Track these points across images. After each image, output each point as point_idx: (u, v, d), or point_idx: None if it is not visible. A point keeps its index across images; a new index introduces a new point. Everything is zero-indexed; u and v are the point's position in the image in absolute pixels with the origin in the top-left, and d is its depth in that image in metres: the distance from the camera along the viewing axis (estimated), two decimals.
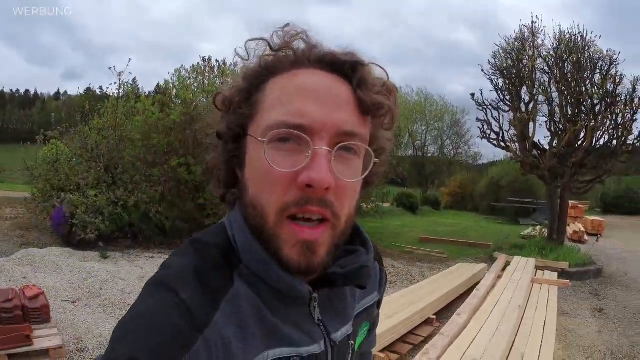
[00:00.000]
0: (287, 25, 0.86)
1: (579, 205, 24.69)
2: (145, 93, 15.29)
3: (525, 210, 28.66)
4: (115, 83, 14.98)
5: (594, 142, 15.42)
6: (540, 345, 5.39)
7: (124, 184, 12.87)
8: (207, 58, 15.63)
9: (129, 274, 9.62)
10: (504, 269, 10.56)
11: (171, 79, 15.43)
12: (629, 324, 8.74)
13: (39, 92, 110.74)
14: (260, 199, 0.78)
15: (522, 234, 20.09)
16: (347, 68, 0.81)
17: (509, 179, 34.36)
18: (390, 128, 0.90)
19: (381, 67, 0.87)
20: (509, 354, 5.24)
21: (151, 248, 12.88)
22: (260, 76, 0.83)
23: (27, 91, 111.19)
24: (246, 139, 0.83)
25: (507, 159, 44.55)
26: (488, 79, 16.41)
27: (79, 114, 14.28)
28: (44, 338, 5.60)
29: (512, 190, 33.08)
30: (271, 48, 0.84)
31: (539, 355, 4.80)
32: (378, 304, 1.11)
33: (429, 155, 55.00)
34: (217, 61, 15.70)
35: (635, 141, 15.37)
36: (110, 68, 13.92)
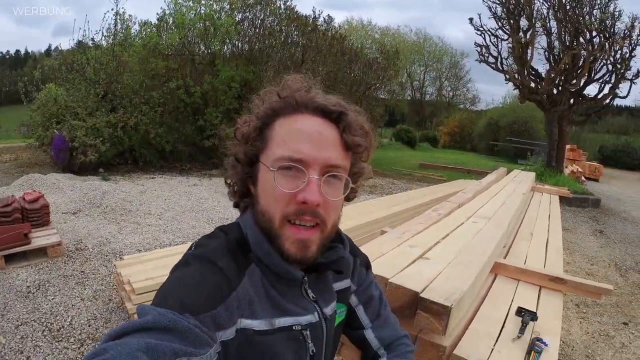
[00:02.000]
0: (295, 77, 1.17)
1: (578, 149, 24.56)
2: (142, 22, 14.96)
3: (524, 151, 28.61)
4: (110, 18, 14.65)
5: (592, 74, 15.37)
6: (548, 226, 5.39)
7: (124, 107, 12.85)
8: None
9: (130, 189, 9.77)
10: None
11: (168, 6, 15.16)
12: (630, 246, 8.96)
13: (29, 51, 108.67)
14: (269, 209, 1.06)
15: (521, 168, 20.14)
16: (335, 116, 1.09)
17: (508, 120, 34.31)
18: (367, 160, 1.20)
19: (361, 112, 1.17)
20: (520, 224, 5.26)
21: (152, 171, 12.96)
22: (269, 116, 1.10)
23: (17, 51, 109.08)
24: (258, 164, 1.10)
25: (504, 104, 44.80)
26: (487, 6, 16.19)
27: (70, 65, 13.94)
28: (42, 237, 5.68)
29: (511, 132, 33.02)
30: (279, 96, 1.11)
31: (547, 236, 4.78)
32: (356, 292, 1.41)
33: (427, 96, 54.73)
34: None
35: (634, 77, 15.25)
36: None
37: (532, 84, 15.79)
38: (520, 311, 2.49)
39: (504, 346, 2.20)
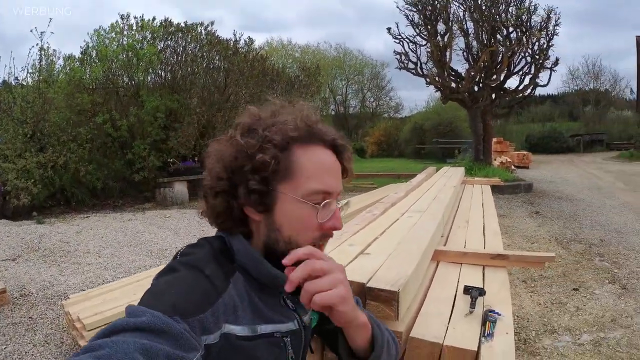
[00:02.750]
0: (303, 104, 1.22)
1: (504, 141, 25.21)
2: (66, 56, 14.70)
3: (452, 151, 29.11)
4: (34, 53, 14.29)
5: (512, 67, 15.88)
6: (483, 212, 5.54)
7: (52, 146, 12.52)
8: (125, 15, 15.15)
9: (66, 230, 9.46)
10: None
11: (90, 39, 14.96)
12: (568, 220, 9.43)
13: None
14: (297, 238, 1.11)
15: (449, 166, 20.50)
16: (339, 149, 1.20)
17: (433, 123, 35.04)
18: (350, 180, 1.29)
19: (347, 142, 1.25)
20: (455, 214, 5.38)
21: (85, 211, 12.62)
22: (285, 145, 1.10)
23: None
24: (275, 193, 1.11)
25: (428, 108, 45.64)
26: (403, 14, 16.61)
27: None
28: None
29: (437, 133, 33.78)
30: (297, 124, 1.12)
31: (484, 222, 4.92)
32: None
33: (351, 109, 55.18)
34: (135, 17, 15.27)
35: (553, 65, 15.85)
36: (31, 30, 13.22)
37: (453, 84, 16.31)
38: (467, 289, 2.56)
39: (457, 322, 2.27)
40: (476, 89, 16.19)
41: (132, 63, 14.53)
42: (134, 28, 15.21)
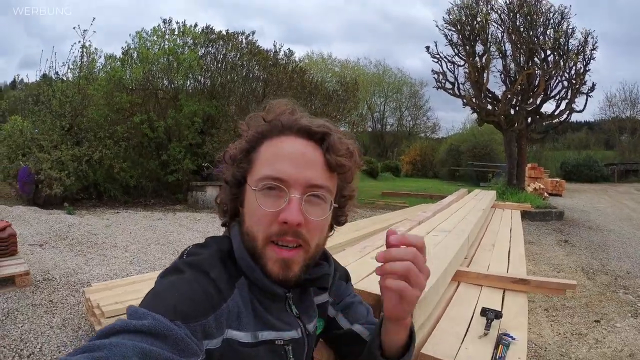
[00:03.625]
0: (279, 100, 1.20)
1: (539, 167, 24.84)
2: (108, 55, 14.99)
3: (486, 175, 28.84)
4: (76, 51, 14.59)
5: (548, 91, 15.72)
6: (510, 237, 5.48)
7: (89, 141, 12.78)
8: (167, 20, 15.42)
9: (96, 222, 9.69)
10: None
11: (132, 40, 15.25)
12: (596, 251, 9.15)
13: None
14: (252, 229, 1.07)
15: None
16: (318, 137, 1.10)
17: (469, 145, 34.68)
18: (351, 181, 1.21)
19: (348, 134, 1.19)
20: (482, 237, 5.34)
21: (116, 206, 12.82)
22: (256, 139, 1.12)
23: None
24: (245, 185, 1.12)
25: (464, 130, 45.33)
26: (443, 34, 16.59)
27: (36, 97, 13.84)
28: (9, 266, 5.62)
29: (472, 156, 33.34)
30: (264, 120, 1.14)
31: (510, 246, 4.87)
32: (335, 305, 1.42)
33: (388, 126, 55.01)
34: (177, 22, 15.53)
35: (589, 90, 15.67)
36: (74, 27, 13.53)
37: (489, 106, 16.13)
38: (484, 311, 2.55)
39: (471, 343, 2.26)
40: (512, 112, 16.04)
41: (173, 67, 14.84)
42: (176, 33, 15.58)
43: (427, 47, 16.96)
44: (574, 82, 15.38)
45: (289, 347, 1.11)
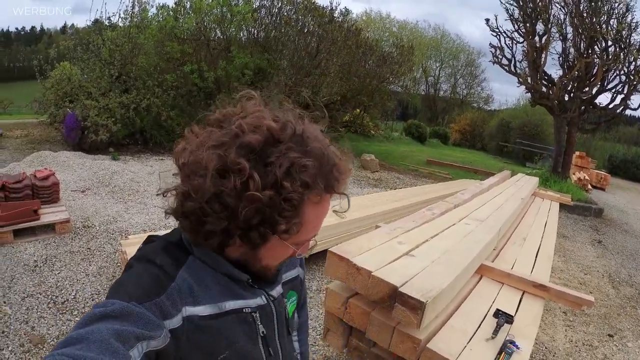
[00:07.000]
0: (247, 95, 1.20)
1: (587, 157, 24.17)
2: (160, 5, 14.97)
3: (533, 155, 28.31)
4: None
5: (605, 83, 15.32)
6: (543, 233, 5.47)
7: (137, 89, 12.92)
8: None
9: (139, 169, 9.93)
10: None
11: None
12: (627, 259, 8.94)
13: (45, 28, 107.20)
14: (270, 264, 1.17)
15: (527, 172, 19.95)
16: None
17: (520, 122, 33.84)
18: None
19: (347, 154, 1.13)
20: (515, 229, 5.34)
21: (161, 152, 13.05)
22: (302, 200, 1.01)
23: (32, 28, 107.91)
24: (269, 234, 1.04)
25: (517, 106, 44.42)
26: (504, 7, 16.15)
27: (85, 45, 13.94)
28: (51, 214, 5.84)
29: (522, 134, 32.58)
30: (313, 162, 1.03)
31: (540, 243, 4.87)
32: (301, 281, 1.51)
33: (442, 92, 54.24)
34: None
35: None
36: None
37: (544, 89, 15.73)
38: (497, 313, 2.59)
39: (477, 344, 2.31)
40: (566, 98, 15.67)
41: (226, 18, 14.74)
42: None
43: (487, 20, 16.49)
44: (632, 78, 14.88)
45: (256, 314, 1.17)
